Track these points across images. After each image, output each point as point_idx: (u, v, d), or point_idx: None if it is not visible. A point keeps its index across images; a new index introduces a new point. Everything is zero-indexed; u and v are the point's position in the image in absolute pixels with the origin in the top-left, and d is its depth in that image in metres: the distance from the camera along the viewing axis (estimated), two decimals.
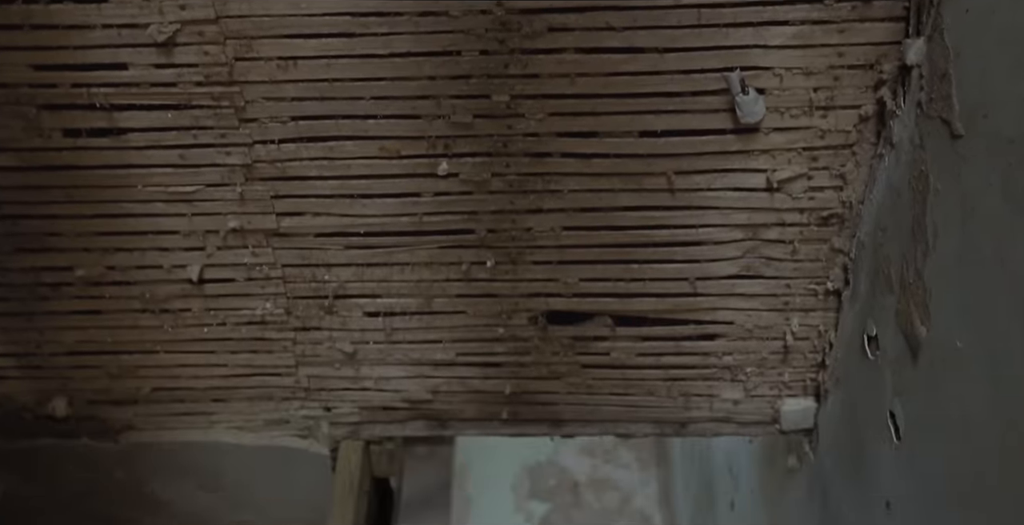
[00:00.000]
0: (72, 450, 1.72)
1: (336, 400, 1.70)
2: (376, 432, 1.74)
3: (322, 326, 1.60)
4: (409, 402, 1.68)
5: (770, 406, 1.65)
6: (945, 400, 1.10)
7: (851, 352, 1.43)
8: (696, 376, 1.63)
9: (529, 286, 1.54)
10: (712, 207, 1.43)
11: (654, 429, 1.71)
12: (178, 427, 1.72)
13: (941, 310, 1.12)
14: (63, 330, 1.60)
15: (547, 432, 1.73)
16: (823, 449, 1.59)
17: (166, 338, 1.61)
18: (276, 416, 1.72)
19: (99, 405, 1.68)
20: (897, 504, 1.26)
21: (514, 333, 1.60)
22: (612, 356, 1.61)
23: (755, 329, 1.56)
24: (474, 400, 1.68)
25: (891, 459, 1.27)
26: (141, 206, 1.45)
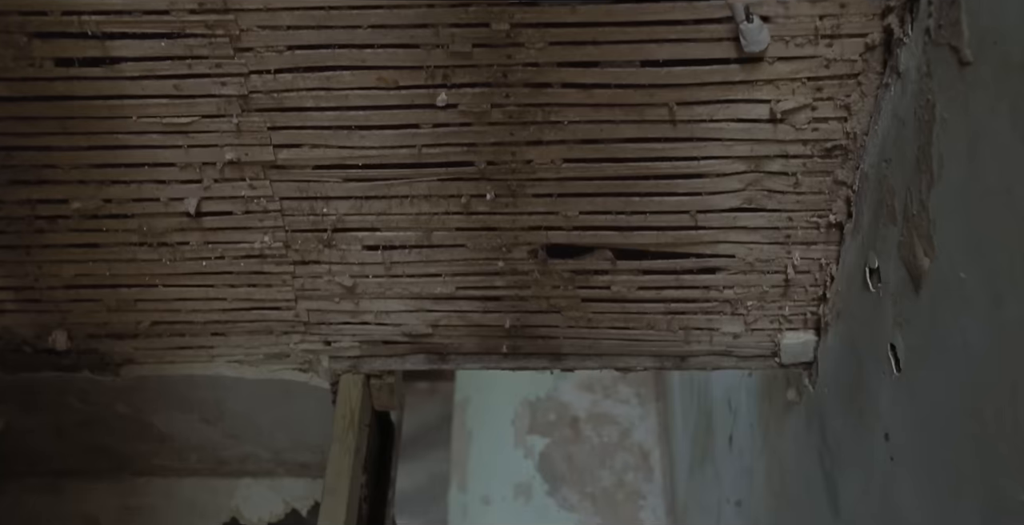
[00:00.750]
0: (73, 383, 1.72)
1: (336, 334, 1.70)
2: (376, 366, 1.74)
3: (321, 260, 1.59)
4: (409, 336, 1.68)
5: (770, 339, 1.65)
6: (946, 332, 1.10)
7: (852, 285, 1.42)
8: (696, 310, 1.63)
9: (529, 219, 1.53)
10: (714, 138, 1.41)
11: (654, 363, 1.71)
12: (178, 361, 1.72)
13: (945, 241, 1.11)
14: (61, 263, 1.59)
15: (547, 366, 1.73)
16: (822, 382, 1.59)
17: (164, 271, 1.60)
18: (276, 350, 1.72)
19: (99, 339, 1.68)
20: (896, 436, 1.26)
21: (514, 267, 1.59)
22: (612, 290, 1.61)
23: (756, 262, 1.56)
24: (474, 334, 1.68)
25: (891, 391, 1.27)
26: (136, 138, 1.44)
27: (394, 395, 1.80)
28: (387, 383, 1.77)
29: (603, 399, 4.26)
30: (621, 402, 4.25)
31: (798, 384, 1.73)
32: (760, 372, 2.06)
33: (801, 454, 1.71)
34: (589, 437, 4.16)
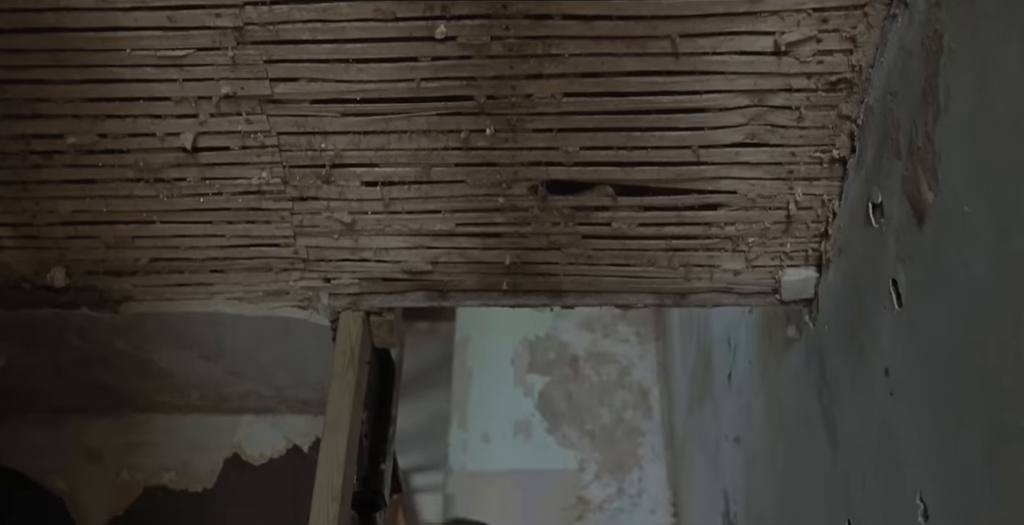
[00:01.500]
0: (72, 320, 1.72)
1: (335, 271, 1.69)
2: (376, 303, 1.73)
3: (319, 196, 1.58)
4: (409, 273, 1.68)
5: (771, 276, 1.64)
6: (949, 266, 1.09)
7: (855, 220, 1.41)
8: (697, 246, 1.62)
9: (529, 155, 1.51)
10: (717, 72, 1.39)
11: (654, 300, 1.70)
12: (177, 298, 1.72)
13: (950, 175, 1.09)
14: (58, 199, 1.58)
15: (547, 303, 1.73)
16: (822, 319, 1.59)
17: (162, 208, 1.59)
18: (275, 287, 1.72)
19: (97, 275, 1.68)
20: (896, 371, 1.26)
21: (514, 203, 1.58)
22: (613, 226, 1.60)
23: (758, 198, 1.54)
24: (474, 271, 1.68)
25: (891, 327, 1.27)
26: (131, 71, 1.42)
27: (394, 332, 1.80)
28: (387, 320, 1.77)
29: (603, 338, 4.27)
30: (621, 341, 4.26)
31: (798, 321, 1.72)
32: (760, 309, 2.06)
33: (800, 390, 1.71)
34: (588, 376, 4.18)
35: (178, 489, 1.99)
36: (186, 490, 1.99)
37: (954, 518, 1.09)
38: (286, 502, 1.97)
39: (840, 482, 1.49)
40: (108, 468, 1.97)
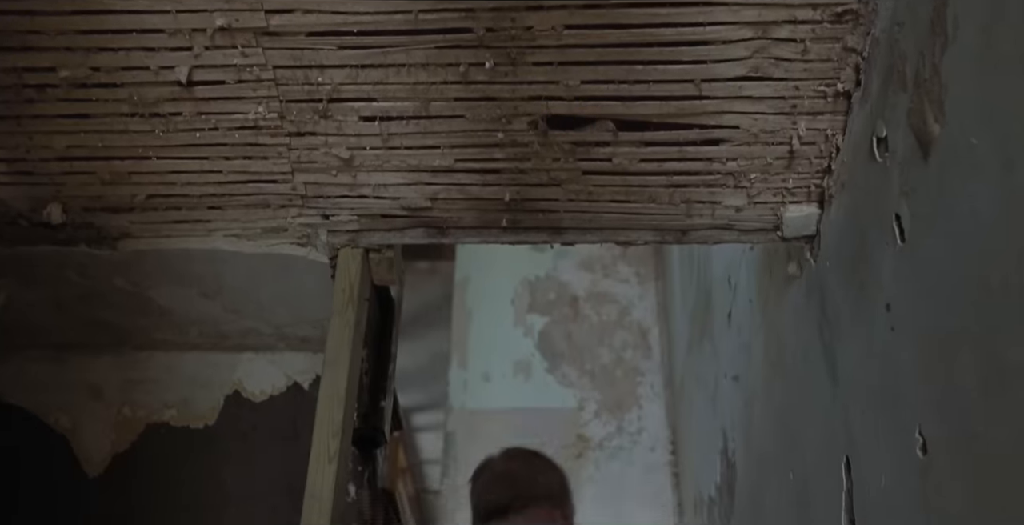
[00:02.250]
0: (71, 257, 1.71)
1: (334, 208, 1.68)
2: (375, 240, 1.72)
3: (317, 131, 1.56)
4: (408, 210, 1.66)
5: (772, 213, 1.63)
6: (954, 199, 1.08)
7: (858, 155, 1.40)
8: (699, 183, 1.61)
9: (529, 89, 1.49)
10: (721, 3, 1.36)
11: (655, 236, 1.69)
12: (175, 235, 1.71)
13: (957, 106, 1.08)
14: (52, 134, 1.56)
15: (547, 240, 1.72)
16: (824, 255, 1.58)
17: (158, 143, 1.57)
18: (274, 224, 1.70)
19: (94, 212, 1.67)
20: (897, 306, 1.26)
21: (514, 138, 1.56)
22: (614, 162, 1.58)
23: (761, 133, 1.53)
24: (473, 207, 1.66)
25: (893, 262, 1.26)
26: (123, 2, 1.39)
27: (393, 269, 1.79)
28: (386, 257, 1.76)
29: (602, 278, 4.27)
30: (620, 281, 4.26)
31: (799, 258, 1.72)
32: (761, 247, 2.05)
33: (800, 327, 1.71)
34: (588, 316, 4.19)
35: (179, 426, 2.00)
36: (187, 427, 2.00)
37: (952, 452, 1.09)
38: (287, 439, 1.99)
39: (839, 418, 1.50)
40: (110, 405, 1.98)
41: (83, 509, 1.94)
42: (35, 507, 1.95)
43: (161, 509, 1.96)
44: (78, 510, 1.94)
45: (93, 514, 1.94)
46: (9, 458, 1.94)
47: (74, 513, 1.94)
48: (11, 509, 1.94)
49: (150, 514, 1.95)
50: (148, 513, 1.95)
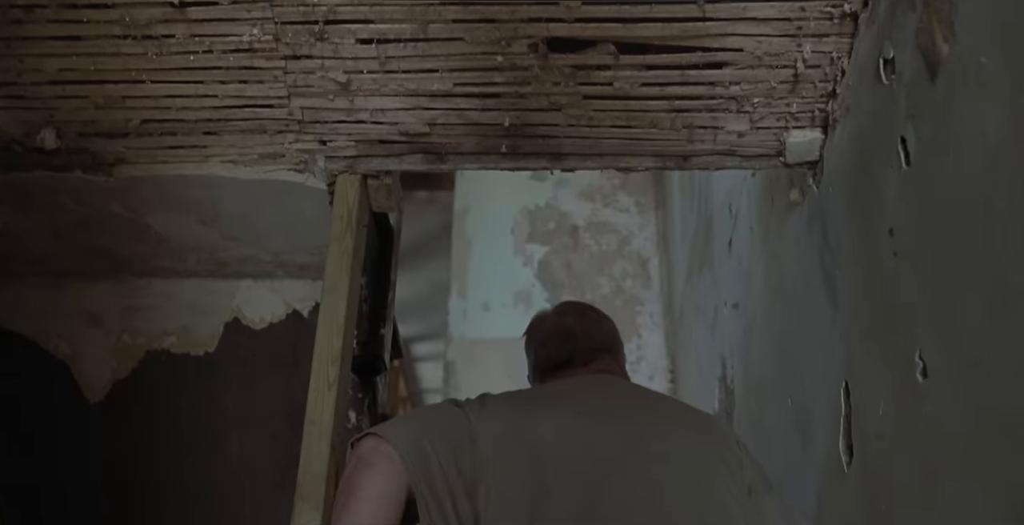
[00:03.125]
0: (66, 183, 1.69)
1: (331, 133, 1.66)
2: (373, 166, 1.70)
3: (313, 54, 1.54)
4: (406, 135, 1.64)
5: (775, 138, 1.61)
6: (961, 120, 1.06)
7: (864, 77, 1.37)
8: (701, 107, 1.58)
9: (529, 10, 1.46)
10: None
11: (656, 163, 1.67)
12: (171, 161, 1.69)
13: (967, 25, 1.05)
14: (43, 57, 1.53)
15: (547, 166, 1.70)
16: (827, 181, 1.57)
17: (151, 66, 1.55)
18: (270, 150, 1.68)
19: (88, 137, 1.65)
20: (900, 231, 1.25)
21: (513, 61, 1.53)
22: (615, 86, 1.56)
23: (765, 56, 1.50)
24: (473, 133, 1.64)
25: (898, 186, 1.25)
26: None
27: (392, 196, 1.77)
28: (384, 184, 1.74)
29: (602, 208, 4.26)
30: (620, 211, 4.25)
31: (802, 184, 1.70)
32: (762, 173, 2.03)
33: (801, 254, 1.70)
34: (588, 245, 4.18)
35: (179, 353, 2.00)
36: (187, 354, 2.00)
37: (953, 375, 1.09)
38: (287, 366, 1.99)
39: (839, 343, 1.49)
40: (109, 332, 1.98)
41: (85, 434, 1.95)
42: (37, 432, 1.96)
43: (162, 435, 1.97)
44: (80, 435, 1.95)
45: (95, 439, 1.96)
46: (10, 384, 1.95)
47: (76, 438, 1.96)
48: (13, 434, 1.95)
49: (152, 440, 1.96)
50: (150, 439, 1.96)
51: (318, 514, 1.44)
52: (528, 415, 1.44)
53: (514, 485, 1.36)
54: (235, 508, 2.00)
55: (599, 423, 1.44)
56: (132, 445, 1.97)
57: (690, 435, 1.47)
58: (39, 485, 1.96)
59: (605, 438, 1.42)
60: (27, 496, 1.95)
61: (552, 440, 1.40)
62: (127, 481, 1.97)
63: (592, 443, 1.41)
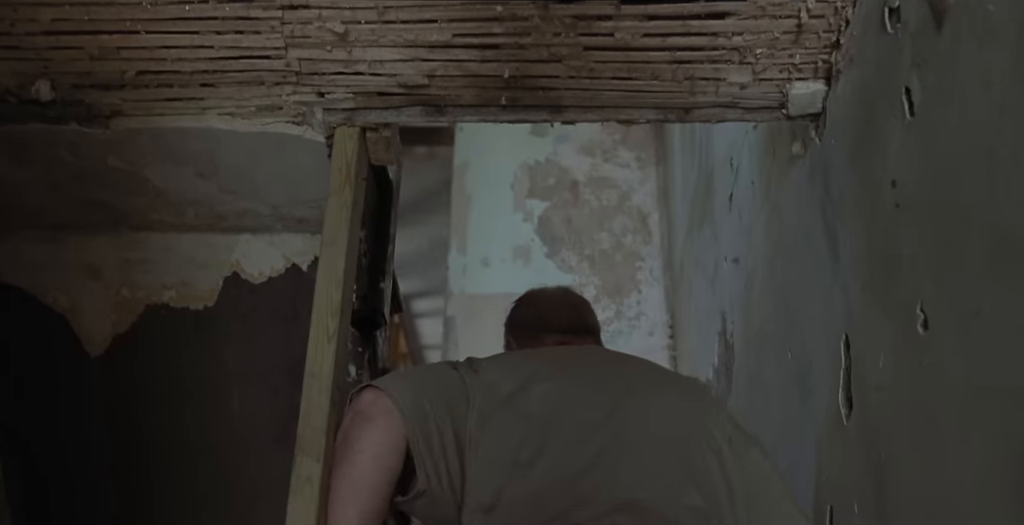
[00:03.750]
0: (62, 136, 1.68)
1: (329, 85, 1.64)
2: (372, 118, 1.69)
3: (310, 4, 1.52)
4: (404, 87, 1.63)
5: (778, 90, 1.60)
6: (967, 69, 1.05)
7: (868, 28, 1.36)
8: (703, 59, 1.57)
9: None
10: None
11: (657, 115, 1.66)
12: (168, 113, 1.67)
13: None
14: (37, 7, 1.52)
15: (547, 118, 1.68)
16: (829, 133, 1.55)
17: (146, 16, 1.53)
18: (268, 102, 1.67)
19: (84, 89, 1.63)
20: (903, 182, 1.24)
21: (513, 11, 1.51)
22: (616, 37, 1.54)
23: (768, 6, 1.48)
24: (472, 85, 1.62)
25: (902, 136, 1.23)
26: None
27: (391, 149, 1.76)
28: (383, 136, 1.73)
29: (603, 163, 4.23)
30: (621, 166, 4.23)
31: (804, 137, 1.69)
32: (764, 127, 2.02)
33: (803, 207, 1.70)
34: (588, 200, 4.17)
35: (179, 307, 1.99)
36: (187, 308, 2.00)
37: (953, 326, 1.09)
38: (287, 320, 1.99)
39: (839, 297, 1.49)
40: (109, 285, 1.97)
41: (86, 388, 1.95)
42: (38, 385, 1.96)
43: (163, 389, 1.98)
44: (81, 389, 1.96)
45: (96, 393, 1.96)
46: (9, 337, 1.95)
47: (77, 392, 1.96)
48: (14, 388, 1.95)
49: (152, 393, 1.97)
50: (150, 392, 1.97)
51: (319, 466, 1.44)
52: (520, 380, 1.47)
53: (501, 446, 1.39)
54: (236, 461, 2.01)
55: (586, 387, 1.48)
56: (133, 399, 1.97)
57: (671, 396, 1.51)
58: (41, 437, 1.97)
59: (591, 401, 1.45)
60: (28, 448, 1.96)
61: (540, 403, 1.43)
62: (129, 435, 1.98)
63: (578, 406, 1.44)
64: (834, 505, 1.55)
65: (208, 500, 2.01)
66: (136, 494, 2.00)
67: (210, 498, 2.01)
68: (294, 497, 1.41)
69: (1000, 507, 0.98)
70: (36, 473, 1.95)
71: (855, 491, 1.43)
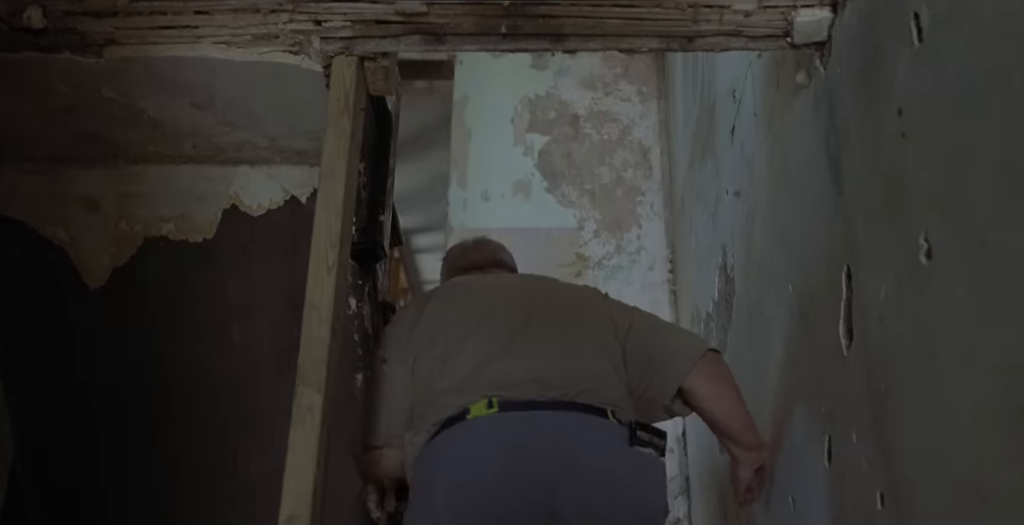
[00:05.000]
0: (55, 64, 1.65)
1: (326, 13, 1.61)
2: (370, 47, 1.66)
3: None
4: (403, 15, 1.60)
5: (783, 18, 1.57)
6: None
7: None
8: None
9: None
10: None
11: (659, 44, 1.63)
12: (162, 42, 1.65)
13: None
14: None
15: (547, 47, 1.66)
16: (835, 62, 1.53)
17: None
18: (264, 30, 1.64)
19: (76, 17, 1.60)
20: (909, 111, 1.22)
21: None
22: None
23: None
24: (471, 13, 1.60)
25: (909, 63, 1.21)
26: None
27: (389, 79, 1.73)
28: (381, 66, 1.70)
29: (604, 97, 4.19)
30: (622, 100, 4.18)
31: (808, 66, 1.66)
32: (768, 57, 1.99)
33: (806, 137, 1.68)
34: (589, 135, 4.13)
35: (178, 239, 1.98)
36: (186, 240, 1.99)
37: (957, 255, 1.08)
38: (286, 252, 1.98)
39: (842, 228, 1.48)
40: (107, 218, 1.96)
41: (87, 320, 1.96)
42: (38, 318, 1.96)
43: (164, 321, 1.98)
44: (81, 321, 1.96)
45: (96, 325, 1.96)
46: (9, 271, 1.94)
47: (78, 324, 1.96)
48: (14, 320, 1.96)
49: (153, 326, 1.97)
50: (151, 325, 1.97)
51: (320, 397, 1.45)
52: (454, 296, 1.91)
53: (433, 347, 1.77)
54: (238, 393, 2.02)
55: (504, 295, 1.88)
56: (134, 331, 1.98)
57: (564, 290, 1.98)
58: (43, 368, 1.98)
59: (511, 304, 1.84)
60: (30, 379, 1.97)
61: (470, 309, 1.83)
62: (128, 366, 1.99)
63: (498, 308, 1.81)
64: (832, 435, 1.56)
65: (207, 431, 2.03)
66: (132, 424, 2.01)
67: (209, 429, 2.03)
68: (295, 427, 1.42)
69: (1000, 436, 0.98)
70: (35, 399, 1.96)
71: (854, 421, 1.44)
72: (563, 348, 1.73)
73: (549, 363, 1.69)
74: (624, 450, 1.63)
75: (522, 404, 1.62)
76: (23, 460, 2.07)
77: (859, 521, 1.42)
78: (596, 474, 1.59)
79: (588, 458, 1.60)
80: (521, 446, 1.59)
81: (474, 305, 1.84)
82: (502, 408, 1.62)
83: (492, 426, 1.62)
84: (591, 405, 1.65)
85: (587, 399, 1.66)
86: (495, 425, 1.62)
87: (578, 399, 1.65)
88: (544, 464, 1.57)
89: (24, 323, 1.98)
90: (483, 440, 1.61)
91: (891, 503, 1.30)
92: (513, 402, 1.62)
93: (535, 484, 1.56)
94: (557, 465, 1.57)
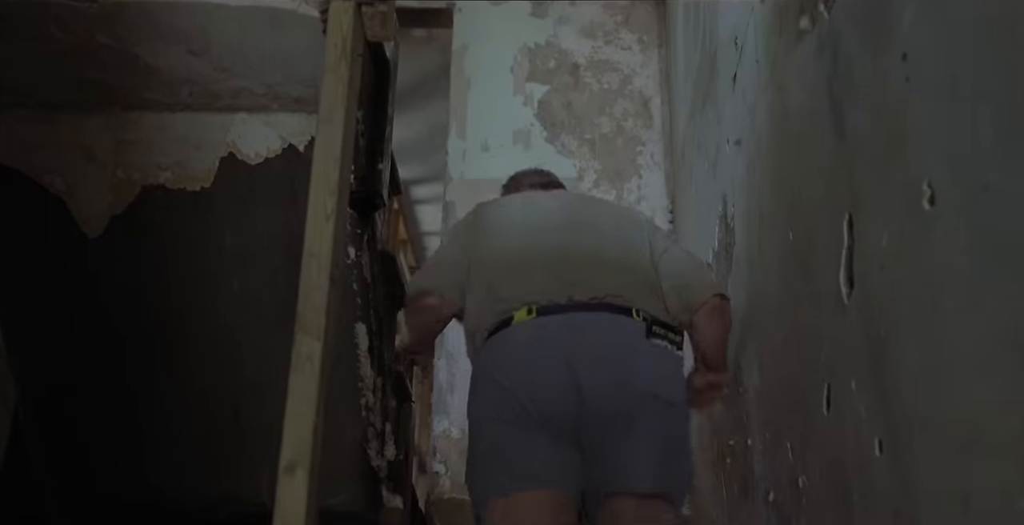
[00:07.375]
0: (48, 8, 1.64)
1: None
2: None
3: None
4: None
5: None
6: None
7: None
8: None
9: None
10: None
11: None
12: None
13: None
14: None
15: None
16: (839, 6, 1.50)
17: None
18: None
19: None
20: (914, 55, 1.20)
21: None
22: None
23: None
24: None
25: (915, 7, 1.19)
26: None
27: (387, 24, 1.71)
28: (379, 11, 1.68)
29: (604, 45, 4.14)
30: (622, 49, 4.14)
31: (812, 11, 1.64)
32: (771, 3, 1.96)
33: (809, 84, 1.66)
34: (589, 84, 4.09)
35: (176, 188, 1.98)
36: (184, 189, 1.98)
37: (961, 201, 1.07)
38: (285, 200, 1.97)
39: (844, 175, 1.47)
40: (104, 166, 1.95)
41: (84, 268, 1.95)
42: (36, 267, 1.96)
43: (162, 269, 1.97)
44: (79, 269, 1.96)
45: (95, 273, 1.96)
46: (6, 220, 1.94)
47: (76, 272, 1.96)
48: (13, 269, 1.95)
49: (151, 274, 1.97)
50: (149, 273, 1.97)
51: (319, 344, 1.44)
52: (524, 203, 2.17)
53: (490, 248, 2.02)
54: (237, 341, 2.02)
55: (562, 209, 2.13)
56: (132, 279, 1.97)
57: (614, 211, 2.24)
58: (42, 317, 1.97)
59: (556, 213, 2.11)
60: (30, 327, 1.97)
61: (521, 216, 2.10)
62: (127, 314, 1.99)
63: (552, 221, 2.07)
64: (831, 383, 1.56)
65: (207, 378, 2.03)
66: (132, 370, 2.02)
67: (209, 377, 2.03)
68: (295, 374, 1.42)
69: (1002, 383, 0.98)
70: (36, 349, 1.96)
71: (853, 369, 1.44)
72: (604, 261, 2.00)
73: (587, 276, 1.96)
74: (643, 341, 1.90)
75: (556, 308, 1.91)
76: (25, 406, 2.08)
77: (857, 468, 1.43)
78: (615, 353, 1.86)
79: (608, 342, 1.87)
80: (548, 332, 1.88)
81: (535, 216, 2.10)
82: (539, 314, 1.90)
83: (529, 326, 1.90)
84: (619, 306, 1.93)
85: (617, 302, 1.93)
86: (532, 326, 1.90)
87: (607, 301, 1.93)
88: (567, 346, 1.84)
89: (23, 272, 1.98)
90: (519, 334, 1.90)
91: (889, 450, 1.30)
92: (548, 307, 1.91)
93: (559, 361, 1.82)
94: (578, 345, 1.85)
